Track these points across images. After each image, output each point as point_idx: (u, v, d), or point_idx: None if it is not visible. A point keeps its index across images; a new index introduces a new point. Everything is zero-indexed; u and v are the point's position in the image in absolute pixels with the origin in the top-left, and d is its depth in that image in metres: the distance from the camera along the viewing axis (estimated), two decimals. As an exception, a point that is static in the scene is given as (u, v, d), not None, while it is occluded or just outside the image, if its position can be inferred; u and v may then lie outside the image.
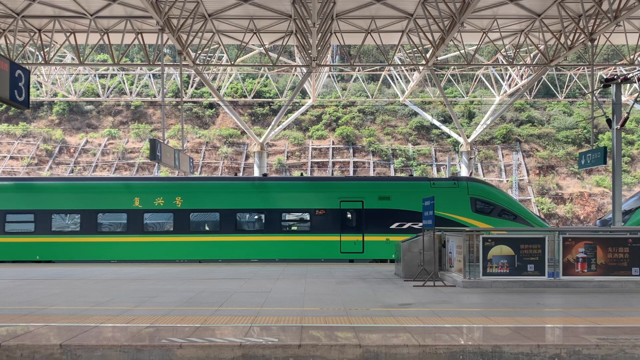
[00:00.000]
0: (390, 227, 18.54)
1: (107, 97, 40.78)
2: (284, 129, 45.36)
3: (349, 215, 18.76)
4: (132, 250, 18.66)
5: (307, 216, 18.92)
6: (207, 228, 19.09)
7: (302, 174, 44.12)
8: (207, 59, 28.79)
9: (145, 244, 18.68)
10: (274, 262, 18.22)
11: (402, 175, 45.84)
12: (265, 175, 23.37)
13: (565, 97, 40.28)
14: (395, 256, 14.74)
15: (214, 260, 18.60)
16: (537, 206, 44.55)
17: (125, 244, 18.68)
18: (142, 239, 18.70)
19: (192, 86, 38.35)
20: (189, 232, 18.75)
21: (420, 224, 17.19)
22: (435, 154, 49.70)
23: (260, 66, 39.65)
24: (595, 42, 21.71)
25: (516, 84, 33.61)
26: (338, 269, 15.43)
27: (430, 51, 24.66)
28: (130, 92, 39.21)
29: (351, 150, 49.99)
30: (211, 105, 53.83)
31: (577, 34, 22.40)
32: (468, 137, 34.56)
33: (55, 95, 41.95)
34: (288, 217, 19.02)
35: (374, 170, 48.02)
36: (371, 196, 18.84)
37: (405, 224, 18.29)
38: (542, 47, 25.48)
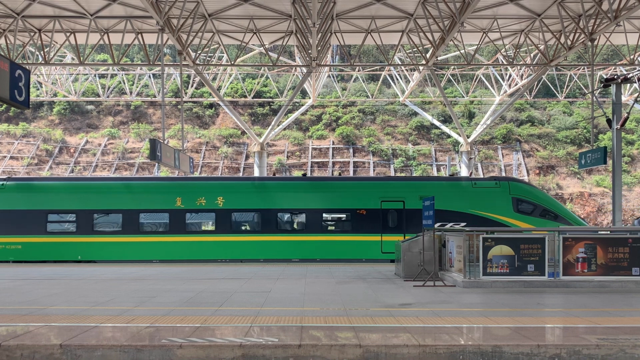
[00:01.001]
0: None
1: (107, 97, 40.79)
2: (284, 129, 45.35)
3: (390, 215, 18.70)
4: (173, 250, 18.65)
5: (348, 216, 18.88)
6: (248, 228, 19.14)
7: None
8: (207, 59, 28.78)
9: (187, 243, 18.71)
10: (314, 262, 18.18)
11: (403, 175, 45.84)
12: (304, 175, 23.35)
13: (565, 97, 40.29)
14: (395, 256, 14.74)
15: (255, 260, 18.56)
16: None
17: (167, 243, 18.70)
18: (184, 239, 18.71)
19: (192, 86, 38.34)
20: (231, 232, 18.75)
21: (463, 224, 17.16)
22: (435, 154, 49.70)
23: (260, 66, 39.64)
24: (595, 42, 21.70)
25: (516, 84, 33.61)
26: (338, 269, 15.43)
27: (430, 51, 24.66)
28: (130, 92, 39.21)
29: (351, 150, 49.99)
30: (211, 105, 53.83)
31: (577, 34, 22.40)
32: (468, 137, 34.57)
33: (55, 95, 41.94)
34: (329, 217, 18.99)
35: (374, 170, 48.03)
36: (412, 196, 18.75)
37: (446, 224, 18.14)
38: (542, 47, 25.47)
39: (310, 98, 37.29)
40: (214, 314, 8.04)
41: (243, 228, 19.10)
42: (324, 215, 18.92)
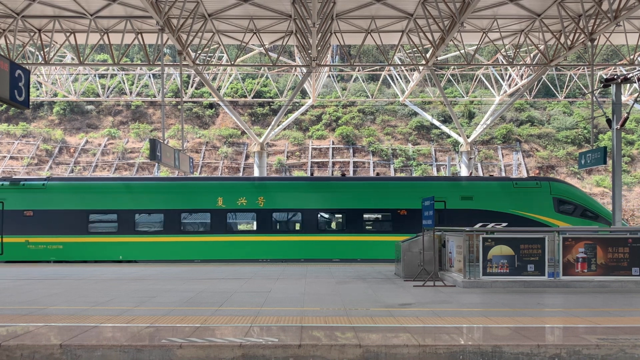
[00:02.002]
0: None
1: (107, 97, 40.79)
2: (284, 129, 45.35)
3: None
4: (215, 249, 18.67)
5: (388, 216, 18.86)
6: (288, 227, 19.19)
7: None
8: (207, 59, 28.78)
9: (228, 243, 18.73)
10: (356, 262, 18.18)
11: (403, 175, 45.84)
12: (343, 175, 23.36)
13: (565, 97, 40.27)
14: (395, 256, 14.74)
15: (296, 260, 18.55)
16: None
17: (208, 243, 18.73)
18: (225, 239, 18.75)
19: (192, 86, 38.34)
20: (271, 232, 18.80)
21: (504, 224, 17.15)
22: (435, 154, 49.70)
23: (260, 66, 39.65)
24: (595, 42, 21.70)
25: (516, 84, 33.61)
26: (338, 269, 15.43)
27: (430, 51, 24.66)
28: (130, 92, 39.21)
29: (351, 150, 49.99)
30: (211, 105, 53.83)
31: (577, 34, 22.40)
32: (468, 137, 34.56)
33: (55, 95, 41.95)
34: (369, 217, 18.97)
35: (374, 170, 48.02)
36: (454, 196, 18.79)
37: (488, 224, 18.09)
38: (542, 47, 25.47)
39: (310, 98, 37.28)
40: (214, 314, 8.04)
41: (284, 228, 19.16)
42: (365, 215, 18.91)
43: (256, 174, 33.07)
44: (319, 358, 6.09)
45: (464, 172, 33.62)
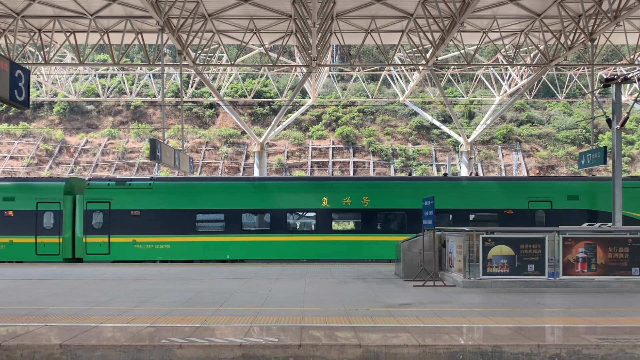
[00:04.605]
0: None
1: (107, 97, 40.78)
2: (284, 129, 45.36)
3: (537, 215, 18.62)
4: (320, 249, 18.62)
5: (495, 216, 18.76)
6: (393, 227, 19.09)
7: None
8: (207, 59, 28.78)
9: (333, 243, 18.68)
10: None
11: (403, 175, 45.85)
12: (445, 175, 23.29)
13: (565, 97, 40.28)
14: (395, 256, 14.74)
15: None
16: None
17: (314, 243, 18.68)
18: (330, 238, 18.70)
19: (192, 86, 38.34)
20: (376, 232, 18.73)
21: (610, 224, 17.17)
22: (435, 154, 49.71)
23: (260, 66, 39.64)
24: (595, 42, 21.70)
25: (516, 84, 33.61)
26: (338, 268, 15.43)
27: (430, 51, 24.66)
28: (130, 92, 39.21)
29: (351, 150, 50.00)
30: (211, 105, 53.85)
31: (577, 34, 22.40)
32: (468, 137, 34.56)
33: (56, 95, 41.96)
34: (476, 217, 18.80)
35: (374, 170, 48.02)
36: (560, 196, 18.75)
37: (594, 224, 17.92)
38: (542, 47, 25.47)
39: (310, 98, 37.28)
40: (214, 314, 8.04)
41: (389, 228, 19.05)
42: (471, 215, 18.78)
43: (256, 174, 33.06)
44: (319, 358, 6.09)
45: (464, 172, 33.63)
